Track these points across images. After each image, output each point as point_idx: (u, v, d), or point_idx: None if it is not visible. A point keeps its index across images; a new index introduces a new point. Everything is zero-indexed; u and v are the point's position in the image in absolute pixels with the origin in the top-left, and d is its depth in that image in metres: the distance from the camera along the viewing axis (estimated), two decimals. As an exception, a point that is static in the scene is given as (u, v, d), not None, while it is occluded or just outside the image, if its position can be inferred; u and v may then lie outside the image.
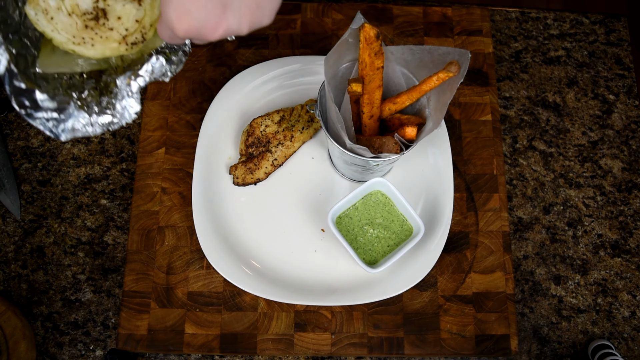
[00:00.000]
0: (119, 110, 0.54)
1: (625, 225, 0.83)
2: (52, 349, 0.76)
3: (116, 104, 0.54)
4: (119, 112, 0.54)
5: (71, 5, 0.51)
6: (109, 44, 0.54)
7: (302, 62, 0.80)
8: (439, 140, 0.77)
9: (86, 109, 0.54)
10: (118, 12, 0.53)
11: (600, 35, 0.92)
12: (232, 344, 0.71)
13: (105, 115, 0.53)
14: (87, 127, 0.52)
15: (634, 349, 0.78)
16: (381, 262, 0.68)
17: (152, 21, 0.54)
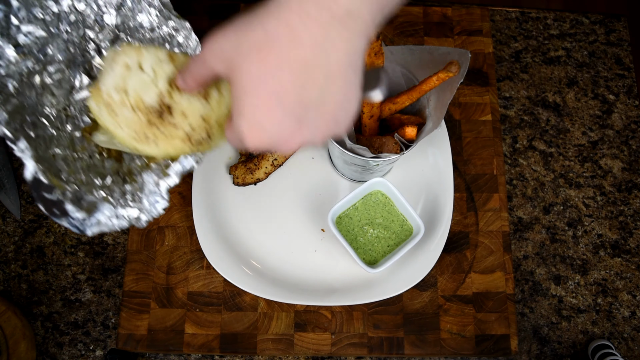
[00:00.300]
0: (146, 205, 0.52)
1: (625, 225, 0.83)
2: (52, 349, 0.76)
3: (142, 199, 0.52)
4: (146, 208, 0.52)
5: (135, 100, 0.48)
6: (172, 142, 0.50)
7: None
8: (439, 140, 0.77)
9: (111, 199, 0.52)
10: (184, 108, 0.49)
11: (600, 35, 0.92)
12: (232, 344, 0.71)
13: (130, 208, 0.52)
14: (113, 220, 0.50)
15: (634, 349, 0.78)
16: (381, 262, 0.68)
17: (219, 119, 0.51)
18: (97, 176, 0.56)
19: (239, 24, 0.37)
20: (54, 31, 0.56)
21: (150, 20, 0.57)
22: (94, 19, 0.57)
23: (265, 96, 0.36)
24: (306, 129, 0.38)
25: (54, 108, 0.57)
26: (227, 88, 0.51)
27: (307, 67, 0.35)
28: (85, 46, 0.58)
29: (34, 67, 0.54)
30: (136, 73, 0.48)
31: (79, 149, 0.58)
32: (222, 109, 0.51)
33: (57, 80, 0.57)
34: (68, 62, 0.58)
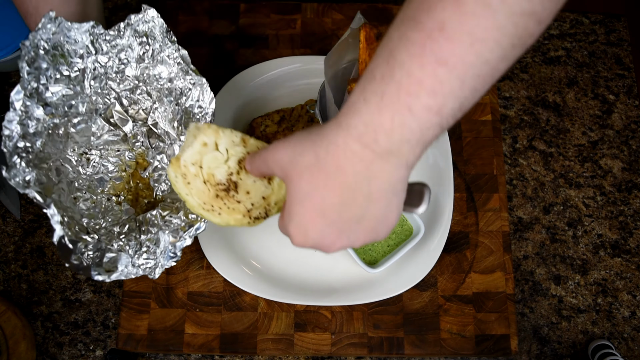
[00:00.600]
0: (160, 260, 0.56)
1: (625, 225, 0.83)
2: (52, 349, 0.76)
3: (157, 253, 0.57)
4: (160, 262, 0.56)
5: (208, 175, 0.55)
6: (234, 215, 0.56)
7: (302, 62, 0.80)
8: (439, 140, 0.77)
9: (128, 249, 0.57)
10: (248, 187, 0.56)
11: (600, 35, 0.92)
12: (232, 344, 0.71)
13: (145, 259, 0.57)
14: (129, 267, 0.55)
15: (634, 349, 0.78)
16: (381, 262, 0.68)
17: (277, 200, 0.57)
18: (115, 223, 0.62)
19: (297, 142, 0.43)
20: (78, 87, 0.59)
21: (169, 71, 0.61)
22: (115, 71, 0.61)
23: (311, 209, 0.41)
24: (346, 238, 0.42)
25: (75, 153, 0.63)
26: None
27: (349, 190, 0.39)
28: (106, 95, 0.62)
29: (60, 121, 0.59)
30: (212, 152, 0.55)
31: (98, 192, 0.65)
32: (282, 192, 0.57)
33: (80, 130, 0.62)
34: (90, 112, 0.62)
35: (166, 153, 0.65)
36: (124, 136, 0.66)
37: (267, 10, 0.85)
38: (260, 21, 0.85)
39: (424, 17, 0.33)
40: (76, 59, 0.58)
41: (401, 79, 0.34)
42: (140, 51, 0.60)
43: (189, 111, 0.61)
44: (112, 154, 0.66)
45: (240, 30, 0.84)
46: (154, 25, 0.59)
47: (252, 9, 0.85)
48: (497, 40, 0.32)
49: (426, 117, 0.35)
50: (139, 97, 0.63)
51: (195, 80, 0.60)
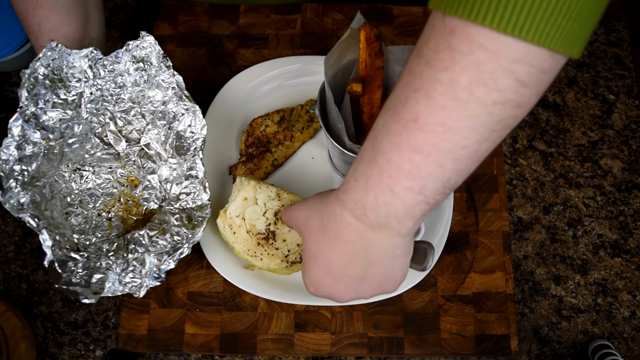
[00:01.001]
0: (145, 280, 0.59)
1: (625, 225, 0.83)
2: (52, 349, 0.76)
3: (143, 273, 0.59)
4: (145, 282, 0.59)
5: (250, 226, 0.65)
6: (274, 260, 0.66)
7: (302, 62, 0.80)
8: (439, 140, 0.77)
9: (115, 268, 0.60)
10: (285, 235, 0.66)
11: (600, 35, 0.92)
12: (232, 344, 0.71)
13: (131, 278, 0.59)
14: (116, 285, 0.58)
15: (634, 349, 0.78)
16: (381, 262, 0.68)
17: None
18: (104, 240, 0.65)
19: (309, 207, 0.49)
20: (75, 111, 0.62)
21: (163, 95, 0.63)
22: (111, 93, 0.63)
23: (321, 266, 0.46)
24: (353, 292, 0.47)
25: (69, 169, 0.66)
26: None
27: (349, 254, 0.44)
28: (101, 115, 0.64)
29: (56, 143, 0.61)
30: (252, 205, 0.65)
31: (89, 208, 0.67)
32: None
33: (74, 149, 0.64)
34: (85, 133, 0.64)
35: (157, 173, 0.67)
36: (116, 154, 0.68)
37: (267, 10, 0.85)
38: (260, 21, 0.85)
39: (401, 108, 0.37)
40: (74, 82, 0.60)
41: (383, 163, 0.39)
42: (137, 75, 0.62)
43: (180, 135, 0.63)
44: (104, 171, 0.69)
45: (240, 30, 0.84)
46: (151, 51, 0.61)
47: (252, 9, 0.85)
48: (470, 127, 0.34)
49: (409, 197, 0.39)
50: (133, 118, 0.65)
51: (189, 107, 0.63)
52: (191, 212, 0.63)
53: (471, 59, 0.32)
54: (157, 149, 0.66)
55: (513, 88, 0.33)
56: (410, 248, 0.45)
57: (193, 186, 0.63)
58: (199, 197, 0.63)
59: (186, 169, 0.63)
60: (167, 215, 0.63)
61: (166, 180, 0.66)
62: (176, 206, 0.63)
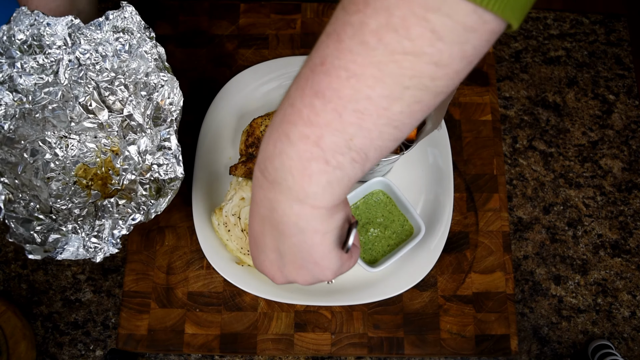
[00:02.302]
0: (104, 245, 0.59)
1: (625, 225, 0.83)
2: (52, 349, 0.76)
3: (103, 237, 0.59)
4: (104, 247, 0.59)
5: (245, 224, 0.67)
6: None
7: (302, 62, 0.80)
8: (439, 140, 0.77)
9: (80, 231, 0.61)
10: None
11: (600, 35, 0.92)
12: (232, 344, 0.71)
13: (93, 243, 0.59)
14: (80, 250, 0.59)
15: (634, 349, 0.78)
16: (381, 261, 0.68)
17: None
18: (79, 206, 0.66)
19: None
20: (52, 77, 0.63)
21: (146, 66, 0.64)
22: (93, 63, 0.64)
23: (252, 239, 0.44)
24: (278, 269, 0.43)
25: (55, 136, 0.68)
26: None
27: (262, 219, 0.41)
28: (85, 85, 0.65)
29: (32, 107, 0.63)
30: (249, 205, 0.63)
31: (72, 175, 0.69)
32: None
33: (56, 115, 0.65)
34: (66, 100, 0.65)
35: (137, 144, 0.68)
36: (100, 124, 0.69)
37: (267, 10, 0.85)
38: (260, 21, 0.85)
39: (313, 53, 0.35)
40: (54, 49, 0.61)
41: (286, 108, 0.36)
42: (118, 45, 0.63)
43: (159, 106, 0.64)
44: (89, 140, 0.70)
45: (240, 30, 0.84)
46: (132, 22, 0.62)
47: (252, 9, 0.85)
48: (376, 77, 0.32)
49: (304, 147, 0.35)
50: (116, 88, 0.66)
51: (168, 78, 0.63)
52: (162, 184, 0.63)
53: (383, 2, 0.30)
54: (139, 119, 0.67)
55: (427, 39, 0.30)
56: (329, 227, 0.39)
57: (165, 157, 0.62)
58: (172, 170, 0.62)
59: (160, 139, 0.63)
60: (136, 184, 0.64)
61: (145, 152, 0.66)
62: (147, 176, 0.63)
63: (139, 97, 0.66)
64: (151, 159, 0.64)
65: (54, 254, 0.57)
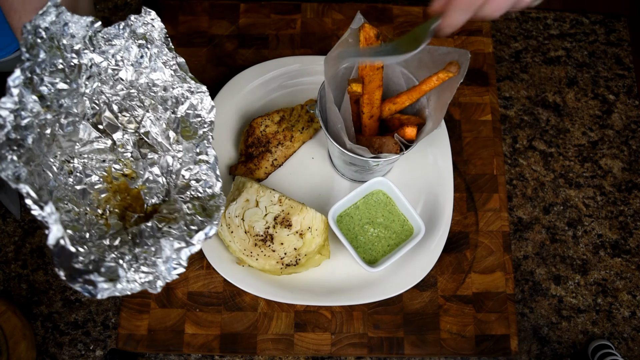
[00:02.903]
0: (162, 270, 0.51)
1: (625, 225, 0.83)
2: (52, 349, 0.76)
3: (158, 264, 0.51)
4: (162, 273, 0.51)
5: (248, 226, 0.67)
6: (269, 261, 0.67)
7: (302, 62, 0.80)
8: (439, 140, 0.77)
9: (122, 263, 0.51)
10: (282, 239, 0.67)
11: (600, 35, 0.92)
12: (232, 344, 0.71)
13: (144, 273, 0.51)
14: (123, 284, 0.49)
15: (634, 349, 0.78)
16: (381, 261, 0.68)
17: (308, 252, 0.67)
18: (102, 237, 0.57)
19: None
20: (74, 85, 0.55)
21: (164, 79, 0.58)
22: (110, 73, 0.57)
23: None
24: None
25: (57, 160, 0.58)
26: (320, 233, 0.68)
27: None
28: (95, 99, 0.58)
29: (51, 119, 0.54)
30: (253, 207, 0.66)
31: (81, 204, 0.59)
32: (312, 246, 0.67)
33: (67, 132, 0.57)
34: (82, 114, 0.58)
35: (159, 164, 0.61)
36: (111, 145, 0.62)
37: (267, 10, 0.85)
38: (260, 21, 0.85)
39: None
40: (72, 54, 0.54)
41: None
42: (138, 54, 0.57)
43: (185, 120, 0.59)
44: (96, 164, 0.61)
45: (240, 30, 0.84)
46: (153, 29, 0.56)
47: (252, 9, 0.85)
48: None
49: None
50: (130, 103, 0.60)
51: (194, 88, 0.58)
52: (204, 201, 0.57)
53: None
54: (158, 137, 0.61)
55: None
56: None
57: (204, 173, 0.58)
58: (210, 185, 0.57)
59: (195, 154, 0.58)
60: (177, 203, 0.58)
61: (170, 171, 0.61)
62: (187, 194, 0.58)
63: (158, 113, 0.60)
64: (188, 175, 0.59)
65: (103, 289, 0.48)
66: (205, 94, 0.58)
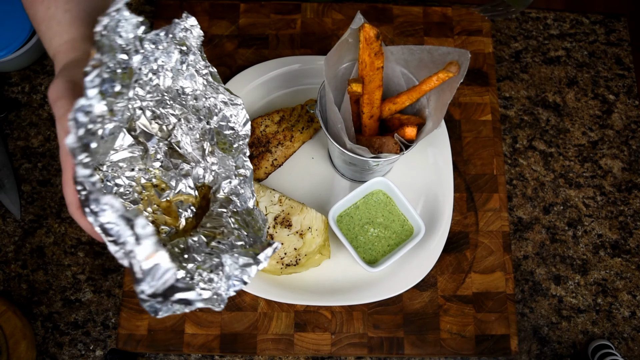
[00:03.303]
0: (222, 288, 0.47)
1: (625, 225, 0.83)
2: (52, 349, 0.76)
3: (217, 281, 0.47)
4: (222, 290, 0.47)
5: None
6: (269, 261, 0.63)
7: (302, 62, 0.80)
8: (439, 140, 0.77)
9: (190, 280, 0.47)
10: (282, 239, 0.67)
11: (600, 35, 0.92)
12: (232, 344, 0.71)
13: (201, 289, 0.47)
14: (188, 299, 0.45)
15: (634, 349, 0.78)
16: (381, 261, 0.68)
17: (308, 252, 0.68)
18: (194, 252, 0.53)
19: None
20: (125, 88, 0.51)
21: (196, 87, 0.55)
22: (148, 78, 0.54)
23: None
24: None
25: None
26: (320, 234, 0.68)
27: None
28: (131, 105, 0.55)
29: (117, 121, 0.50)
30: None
31: None
32: (312, 246, 0.68)
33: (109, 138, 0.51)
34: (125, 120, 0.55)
35: (192, 175, 0.58)
36: (143, 153, 0.57)
37: (267, 10, 0.85)
38: (260, 21, 0.85)
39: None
40: (123, 54, 0.49)
41: None
42: (178, 60, 0.54)
43: (219, 132, 0.56)
44: (125, 173, 0.57)
45: (240, 30, 0.84)
46: (191, 35, 0.53)
47: (252, 9, 0.85)
48: None
49: None
50: (163, 111, 0.56)
51: (228, 100, 0.56)
52: (242, 215, 0.55)
53: None
54: (188, 147, 0.58)
55: None
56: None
57: (240, 187, 0.55)
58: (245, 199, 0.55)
59: (234, 167, 0.56)
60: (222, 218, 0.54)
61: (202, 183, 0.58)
62: (230, 208, 0.55)
63: (191, 122, 0.57)
64: (228, 189, 0.56)
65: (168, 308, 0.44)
66: (240, 106, 0.55)
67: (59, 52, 0.51)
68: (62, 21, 0.51)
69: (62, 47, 0.51)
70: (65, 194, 0.46)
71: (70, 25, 0.51)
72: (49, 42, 0.52)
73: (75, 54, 0.50)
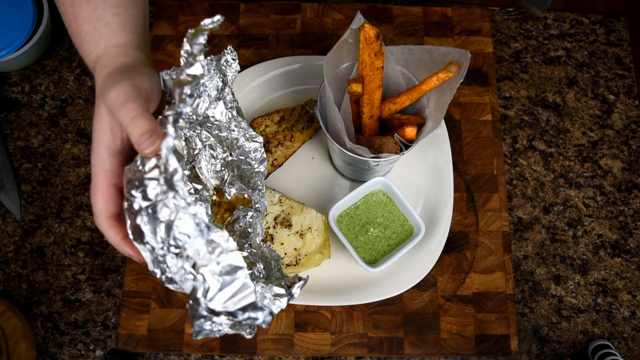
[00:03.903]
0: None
1: (625, 225, 0.83)
2: (52, 349, 0.76)
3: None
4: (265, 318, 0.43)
5: None
6: None
7: (302, 62, 0.80)
8: (439, 140, 0.77)
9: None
10: (283, 239, 0.67)
11: (600, 35, 0.92)
12: (232, 344, 0.71)
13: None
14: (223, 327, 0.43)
15: (634, 349, 0.78)
16: (381, 261, 0.68)
17: (308, 252, 0.67)
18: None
19: None
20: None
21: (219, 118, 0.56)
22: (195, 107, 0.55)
23: None
24: None
25: None
26: (321, 234, 0.68)
27: None
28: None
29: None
30: None
31: None
32: (312, 246, 0.68)
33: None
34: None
35: (210, 202, 0.58)
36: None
37: (267, 10, 0.85)
38: (260, 21, 0.85)
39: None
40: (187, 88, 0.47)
41: None
42: (219, 89, 0.54)
43: (238, 165, 0.57)
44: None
45: (240, 30, 0.84)
46: (230, 68, 0.54)
47: (252, 9, 0.85)
48: None
49: None
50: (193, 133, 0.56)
51: (249, 137, 0.57)
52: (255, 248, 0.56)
53: None
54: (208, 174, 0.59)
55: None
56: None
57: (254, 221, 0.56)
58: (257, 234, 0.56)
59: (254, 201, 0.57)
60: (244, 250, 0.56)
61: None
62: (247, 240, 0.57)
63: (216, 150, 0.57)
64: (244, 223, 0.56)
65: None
66: (260, 144, 0.57)
67: (107, 55, 0.49)
68: (110, 24, 0.50)
69: (111, 50, 0.50)
70: (95, 202, 0.44)
71: (120, 29, 0.50)
72: (94, 43, 0.50)
73: (126, 59, 0.49)
